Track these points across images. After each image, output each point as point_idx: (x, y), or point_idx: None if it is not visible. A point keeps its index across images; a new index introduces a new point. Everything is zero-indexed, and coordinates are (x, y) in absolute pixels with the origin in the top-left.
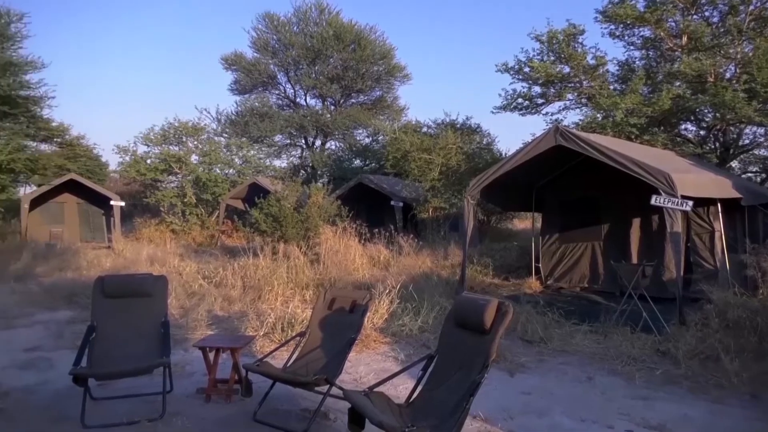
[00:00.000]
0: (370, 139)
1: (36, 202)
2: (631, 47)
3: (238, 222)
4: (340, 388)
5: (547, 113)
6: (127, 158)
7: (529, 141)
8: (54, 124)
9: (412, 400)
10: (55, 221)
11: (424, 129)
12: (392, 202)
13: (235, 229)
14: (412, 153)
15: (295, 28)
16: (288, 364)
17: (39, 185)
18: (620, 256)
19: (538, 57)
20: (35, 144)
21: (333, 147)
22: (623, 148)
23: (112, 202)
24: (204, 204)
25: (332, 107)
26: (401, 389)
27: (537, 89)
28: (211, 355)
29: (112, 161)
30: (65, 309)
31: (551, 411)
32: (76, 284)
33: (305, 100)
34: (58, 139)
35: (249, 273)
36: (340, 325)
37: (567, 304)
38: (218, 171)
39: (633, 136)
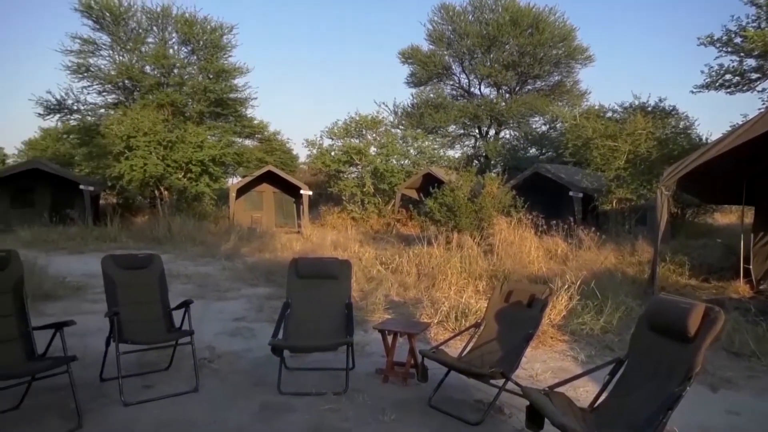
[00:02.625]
0: (547, 126)
1: (241, 191)
2: None
3: (412, 211)
4: (517, 384)
5: (763, 90)
6: (314, 151)
7: (740, 123)
8: (255, 122)
9: (596, 405)
10: (255, 208)
11: (609, 114)
12: (571, 193)
13: (410, 217)
14: (594, 140)
15: (470, 17)
16: (463, 354)
17: (243, 176)
18: None
19: (754, 24)
20: (240, 140)
21: (507, 136)
22: None
23: (301, 192)
24: (381, 193)
25: (507, 95)
26: (582, 392)
27: (751, 62)
28: (390, 339)
29: (302, 154)
30: (264, 286)
31: None
32: (273, 264)
33: (479, 89)
34: (259, 135)
35: (423, 261)
36: (517, 318)
37: None
38: (394, 162)
39: None
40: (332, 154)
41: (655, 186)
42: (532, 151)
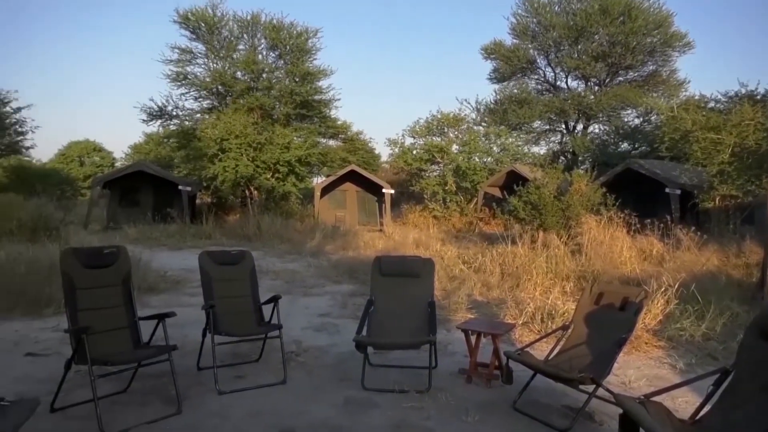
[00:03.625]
0: (641, 119)
1: (325, 190)
2: None
3: (495, 209)
4: (609, 390)
5: None
6: (396, 150)
7: None
8: (339, 122)
9: (699, 417)
10: (339, 206)
11: (711, 104)
12: (667, 190)
13: (493, 216)
14: (694, 133)
15: (556, 8)
16: (550, 357)
17: (327, 175)
18: None
19: None
20: (325, 140)
21: (596, 130)
22: None
23: (383, 190)
24: (463, 191)
25: (596, 88)
26: (681, 402)
27: None
28: (473, 339)
29: (384, 153)
30: (347, 283)
31: None
32: (356, 262)
33: (566, 82)
34: (342, 136)
35: (507, 260)
36: (608, 322)
37: None
38: (477, 159)
39: None
40: (414, 152)
41: (765, 182)
42: (624, 146)
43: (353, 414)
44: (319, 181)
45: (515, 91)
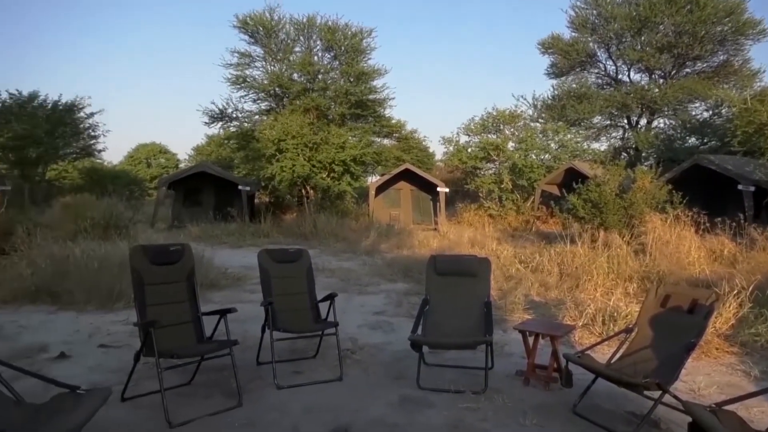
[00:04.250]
0: (710, 113)
1: (379, 189)
2: None
3: (553, 207)
4: (677, 397)
5: None
6: (451, 148)
7: None
8: (393, 121)
9: None
10: (393, 205)
11: None
12: (740, 186)
13: (551, 214)
14: None
15: None
16: (612, 361)
17: (382, 174)
18: None
19: None
20: (379, 139)
21: (661, 125)
22: None
23: (438, 189)
24: (519, 190)
25: (661, 80)
26: (756, 412)
27: None
28: (531, 340)
29: (438, 151)
30: (402, 281)
31: None
32: (410, 260)
33: (628, 75)
34: (396, 135)
35: (566, 260)
36: (676, 325)
37: None
38: (534, 157)
39: None
40: (469, 150)
41: None
42: (691, 140)
43: (409, 413)
44: (373, 180)
45: (574, 85)
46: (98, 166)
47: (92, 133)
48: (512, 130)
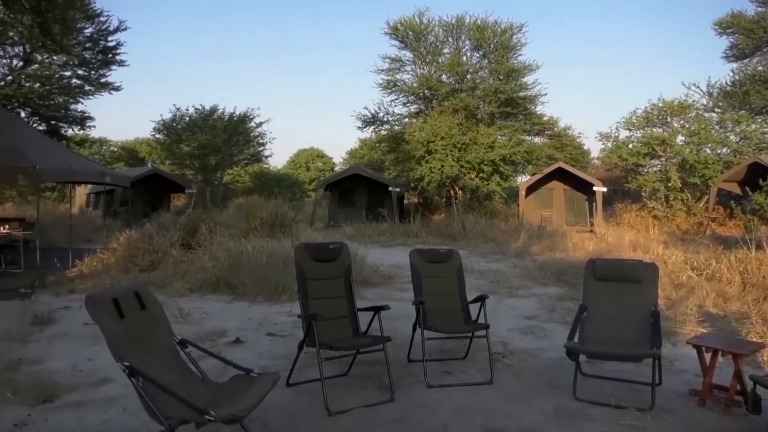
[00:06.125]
0: None
1: (530, 189)
2: None
3: (734, 208)
4: None
5: None
6: (609, 144)
7: None
8: (545, 118)
9: None
10: (545, 206)
11: None
12: None
13: (730, 215)
14: None
15: None
16: None
17: (532, 174)
18: None
19: None
20: (530, 138)
21: None
22: None
23: (594, 188)
24: (690, 188)
25: None
26: None
27: None
28: (707, 356)
29: (594, 148)
30: (555, 285)
31: None
32: (564, 264)
33: None
34: (548, 132)
35: (750, 268)
36: None
37: None
38: (708, 151)
39: None
40: (630, 146)
41: None
42: None
43: (565, 424)
44: (523, 179)
45: (759, 68)
46: (266, 170)
47: (261, 141)
48: (682, 122)
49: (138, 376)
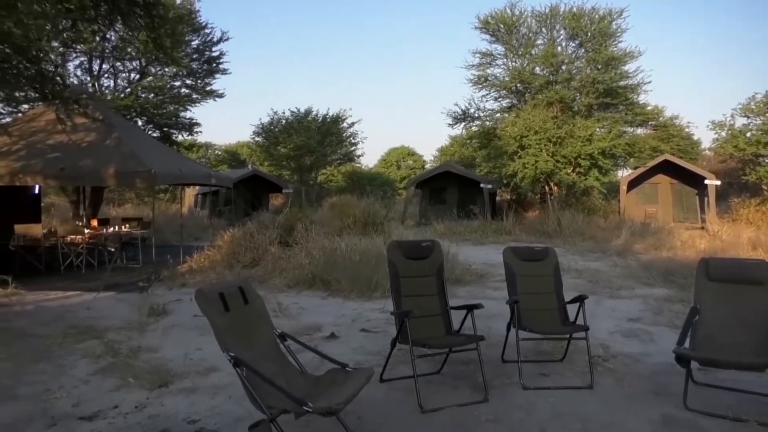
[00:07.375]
0: None
1: (632, 184)
2: None
3: None
4: None
5: None
6: (723, 134)
7: None
8: (649, 108)
9: None
10: (649, 201)
11: None
12: None
13: None
14: None
15: None
16: None
17: (635, 167)
18: None
19: None
20: (632, 129)
21: None
22: None
23: (706, 182)
24: None
25: None
26: None
27: None
28: None
29: (706, 138)
30: (661, 286)
31: None
32: (671, 263)
33: None
34: (653, 122)
35: None
36: None
37: None
38: None
39: None
40: (748, 134)
41: None
42: None
43: None
44: (625, 173)
45: None
46: (358, 169)
47: (353, 141)
48: None
49: (242, 367)
